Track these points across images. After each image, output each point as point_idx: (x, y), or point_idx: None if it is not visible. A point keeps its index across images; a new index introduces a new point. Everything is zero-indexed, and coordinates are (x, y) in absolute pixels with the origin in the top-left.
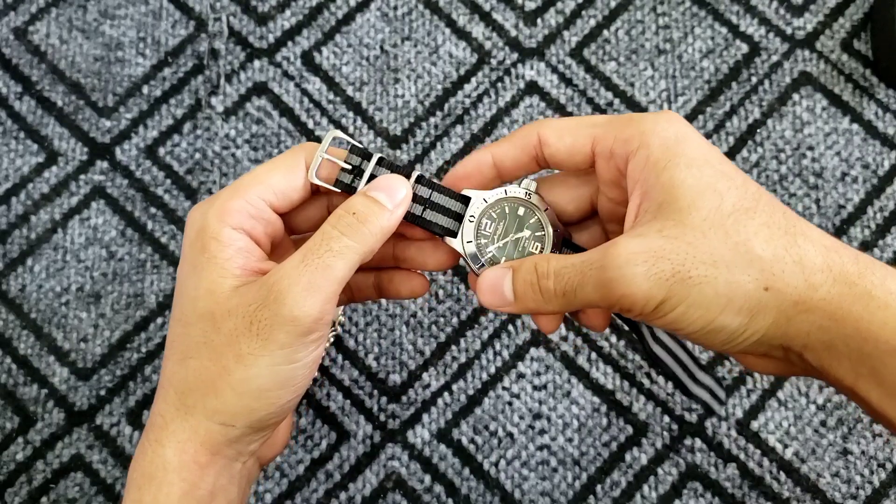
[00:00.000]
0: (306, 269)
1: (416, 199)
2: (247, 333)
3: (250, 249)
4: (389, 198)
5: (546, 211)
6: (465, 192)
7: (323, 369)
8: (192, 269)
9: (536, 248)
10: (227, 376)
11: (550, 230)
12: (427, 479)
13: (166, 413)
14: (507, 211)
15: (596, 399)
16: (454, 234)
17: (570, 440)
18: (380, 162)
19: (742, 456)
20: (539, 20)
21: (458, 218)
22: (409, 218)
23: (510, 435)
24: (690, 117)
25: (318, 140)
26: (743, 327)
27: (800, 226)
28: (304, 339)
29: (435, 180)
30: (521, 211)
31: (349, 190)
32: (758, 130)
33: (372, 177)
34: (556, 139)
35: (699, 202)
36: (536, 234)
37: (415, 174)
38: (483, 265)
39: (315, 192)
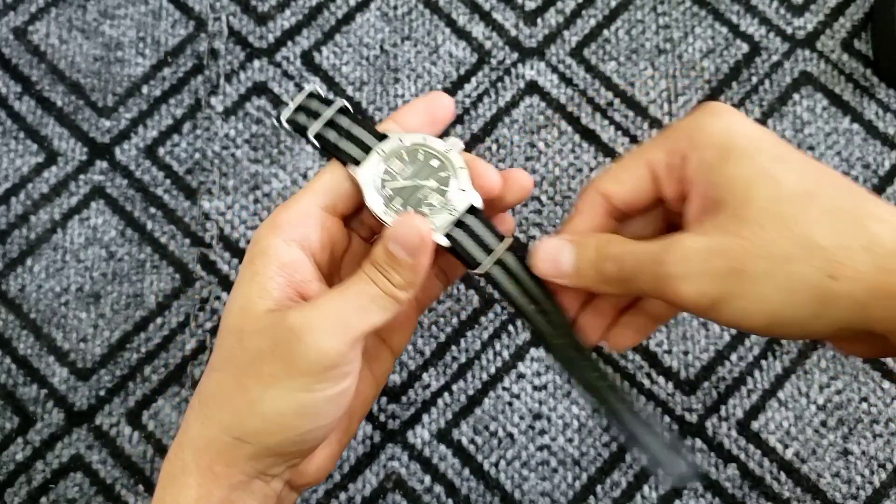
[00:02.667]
0: (338, 305)
1: (334, 126)
2: (270, 355)
3: (298, 264)
4: (406, 250)
5: (462, 170)
6: (389, 134)
7: None
8: (238, 283)
9: (437, 201)
10: (244, 394)
11: (458, 188)
12: (427, 479)
13: (190, 419)
14: (420, 157)
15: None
16: (357, 164)
17: (570, 440)
18: (342, 111)
19: (742, 456)
20: (539, 20)
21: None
22: (321, 141)
23: (510, 435)
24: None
25: None
26: (814, 317)
27: (869, 206)
28: (325, 374)
29: (390, 118)
30: (434, 163)
31: (301, 131)
32: None
33: (332, 122)
34: (617, 186)
35: (754, 193)
36: (441, 188)
37: (338, 104)
38: (384, 202)
39: None
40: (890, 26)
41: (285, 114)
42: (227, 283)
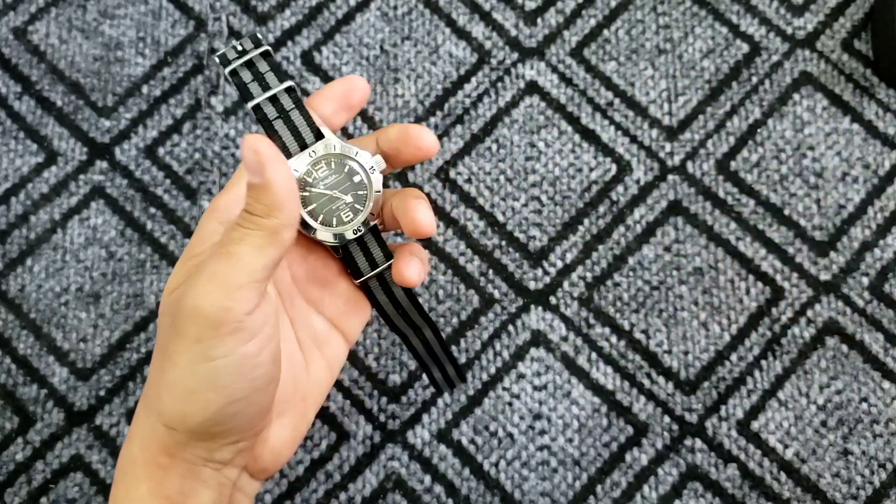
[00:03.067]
0: (211, 261)
1: (275, 104)
2: (169, 330)
3: None
4: (253, 172)
5: (378, 193)
6: (324, 130)
7: None
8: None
9: (347, 218)
10: (162, 377)
11: (367, 210)
12: (427, 479)
13: (138, 410)
14: (346, 169)
15: (596, 399)
16: (289, 156)
17: (570, 441)
18: (265, 55)
19: (742, 456)
20: (539, 20)
21: (304, 147)
22: (260, 116)
23: (510, 435)
24: (691, 117)
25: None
26: None
27: None
28: (216, 333)
29: (305, 103)
30: (356, 178)
31: (226, 63)
32: (758, 130)
33: (251, 64)
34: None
35: None
36: (356, 206)
37: (286, 83)
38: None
39: None
40: (890, 26)
41: (222, 50)
42: None
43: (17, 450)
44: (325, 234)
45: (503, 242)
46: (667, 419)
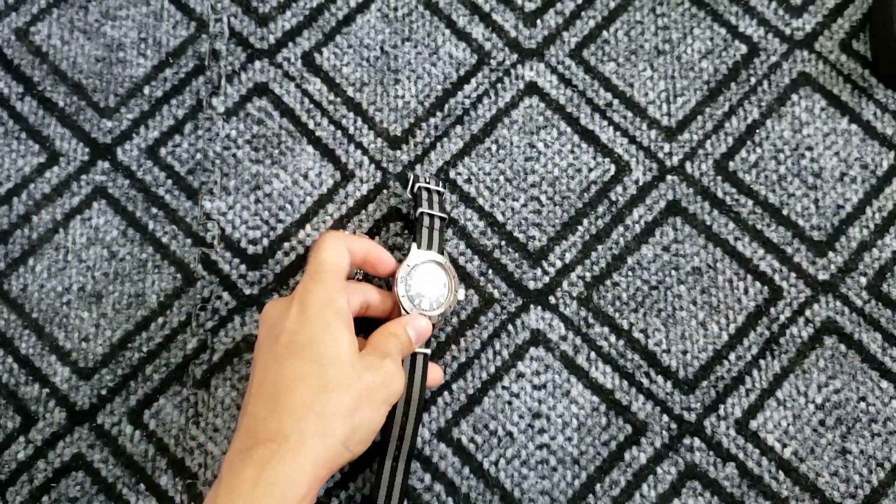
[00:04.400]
0: (393, 363)
1: (432, 219)
2: (380, 388)
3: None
4: (416, 339)
5: (452, 303)
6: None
7: None
8: (328, 326)
9: (427, 307)
10: (358, 414)
11: (442, 308)
12: (427, 477)
13: (304, 432)
14: (442, 280)
15: (595, 398)
16: (419, 246)
17: (569, 439)
18: (439, 192)
19: (741, 455)
20: (538, 21)
21: (429, 249)
22: (421, 220)
23: (510, 434)
24: (689, 117)
25: (319, 140)
26: None
27: None
28: (390, 405)
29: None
30: (443, 288)
31: (416, 181)
32: (757, 131)
33: (430, 191)
34: None
35: None
36: (436, 302)
37: (444, 214)
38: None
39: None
40: (888, 27)
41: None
42: (228, 283)
43: (18, 449)
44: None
45: (503, 242)
46: (665, 418)
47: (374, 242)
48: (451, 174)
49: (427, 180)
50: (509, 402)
